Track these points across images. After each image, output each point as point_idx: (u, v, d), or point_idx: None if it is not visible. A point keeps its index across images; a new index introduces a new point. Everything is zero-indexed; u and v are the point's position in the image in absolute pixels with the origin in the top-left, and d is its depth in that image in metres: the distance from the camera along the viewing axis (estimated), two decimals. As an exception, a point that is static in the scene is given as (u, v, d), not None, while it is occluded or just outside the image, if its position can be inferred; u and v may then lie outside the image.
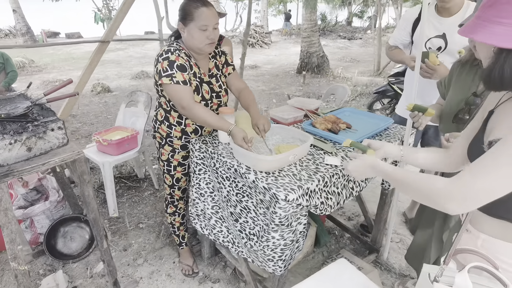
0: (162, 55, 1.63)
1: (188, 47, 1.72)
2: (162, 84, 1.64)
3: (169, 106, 1.80)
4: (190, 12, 1.60)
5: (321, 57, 8.94)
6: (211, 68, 1.84)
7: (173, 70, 1.60)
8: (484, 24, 0.81)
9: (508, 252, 0.95)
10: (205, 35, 1.63)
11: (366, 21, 21.12)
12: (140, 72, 8.31)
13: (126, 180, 3.26)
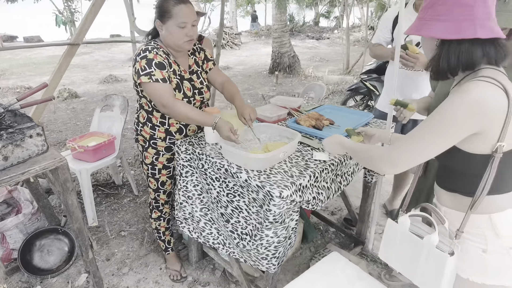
0: (140, 54, 1.59)
1: (166, 45, 1.70)
2: (141, 84, 1.60)
3: (150, 106, 1.75)
4: (168, 9, 1.57)
5: (292, 57, 9.06)
6: (191, 65, 1.82)
7: (151, 68, 1.56)
8: (427, 23, 0.98)
9: (460, 219, 1.08)
10: (184, 32, 1.60)
11: (333, 21, 21.65)
12: (109, 76, 8.04)
13: (103, 188, 3.14)
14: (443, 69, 1.00)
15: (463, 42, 0.94)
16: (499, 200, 1.04)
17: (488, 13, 0.93)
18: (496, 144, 0.95)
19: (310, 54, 12.30)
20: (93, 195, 2.61)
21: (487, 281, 1.08)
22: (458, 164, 1.05)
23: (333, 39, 16.57)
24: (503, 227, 1.03)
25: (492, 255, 1.05)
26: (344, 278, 1.44)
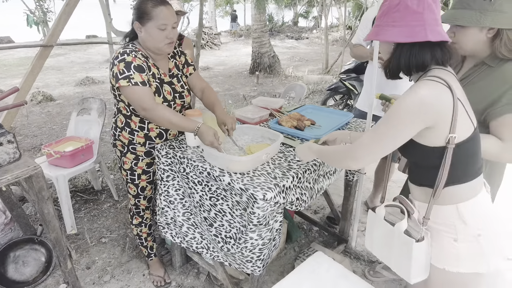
0: (118, 57, 1.54)
1: (146, 48, 1.65)
2: (120, 88, 1.55)
3: (129, 111, 1.71)
4: (148, 11, 1.53)
5: (272, 57, 9.10)
6: (171, 68, 1.79)
7: (130, 71, 1.52)
8: (383, 28, 1.07)
9: (423, 207, 1.16)
10: (164, 35, 1.57)
11: (311, 21, 21.89)
12: (85, 78, 7.81)
13: (82, 194, 3.04)
14: (395, 69, 1.11)
15: (414, 45, 1.04)
16: (462, 190, 1.11)
17: (436, 19, 1.03)
18: (448, 136, 1.03)
19: (290, 54, 12.39)
20: (71, 201, 2.52)
21: (461, 269, 1.13)
22: (419, 158, 1.14)
23: (312, 39, 16.75)
24: (469, 215, 1.10)
25: (463, 243, 1.11)
26: (329, 278, 1.45)
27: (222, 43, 15.04)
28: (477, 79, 1.32)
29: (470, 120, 1.06)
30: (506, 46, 1.24)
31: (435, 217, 1.15)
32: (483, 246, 1.10)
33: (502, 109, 1.21)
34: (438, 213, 1.14)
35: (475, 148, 1.10)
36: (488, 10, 1.22)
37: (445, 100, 1.00)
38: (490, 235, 1.11)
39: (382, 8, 1.10)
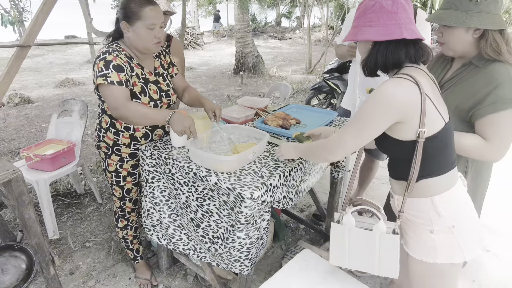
0: (100, 56, 1.54)
1: (132, 47, 1.64)
2: (98, 86, 1.54)
3: None
4: (136, 10, 1.52)
5: (256, 57, 9.11)
6: (156, 67, 1.77)
7: (108, 70, 1.50)
8: (361, 29, 1.11)
9: (407, 204, 1.19)
10: (152, 34, 1.57)
11: (294, 21, 22.04)
12: (65, 80, 7.60)
13: (64, 198, 2.97)
14: (372, 66, 1.15)
15: (390, 43, 1.09)
16: (436, 182, 1.15)
17: (409, 18, 1.09)
18: (418, 130, 1.07)
19: (273, 54, 12.44)
20: (53, 206, 2.46)
21: (438, 260, 1.18)
22: (393, 152, 1.20)
23: (295, 39, 16.87)
24: (443, 207, 1.14)
25: (438, 235, 1.15)
26: (317, 274, 1.47)
27: (205, 43, 14.96)
28: (464, 78, 1.34)
29: (440, 115, 1.10)
30: (491, 46, 1.25)
31: (412, 210, 1.19)
32: (457, 237, 1.14)
33: (486, 109, 1.23)
34: (414, 206, 1.18)
35: (447, 142, 1.14)
36: (474, 11, 1.23)
37: (412, 95, 1.05)
38: (464, 226, 1.16)
39: (359, 10, 1.14)
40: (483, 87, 1.25)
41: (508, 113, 1.21)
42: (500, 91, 1.20)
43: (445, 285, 1.24)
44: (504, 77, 1.22)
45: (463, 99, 1.29)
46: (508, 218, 2.91)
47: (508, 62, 1.24)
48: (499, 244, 2.54)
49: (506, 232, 2.70)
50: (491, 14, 1.23)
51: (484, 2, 1.22)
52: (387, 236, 1.19)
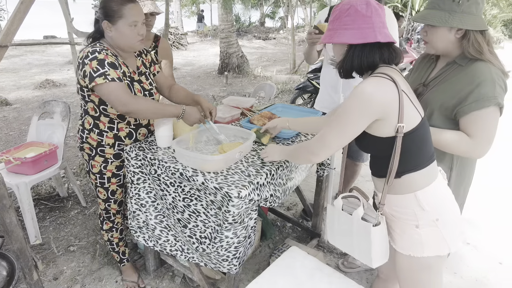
0: (88, 56, 1.50)
1: (116, 46, 1.62)
2: (95, 86, 1.50)
3: (98, 111, 1.66)
4: (117, 9, 1.51)
5: (241, 57, 9.10)
6: (139, 66, 1.76)
7: (105, 68, 1.49)
8: (336, 32, 1.15)
9: (388, 199, 1.23)
10: (135, 32, 1.57)
11: (278, 22, 22.13)
12: (45, 81, 7.40)
13: (46, 201, 2.89)
14: (348, 68, 1.18)
15: (365, 46, 1.12)
16: (418, 177, 1.18)
17: (382, 22, 1.12)
18: (397, 126, 1.11)
19: (258, 54, 12.46)
20: (34, 210, 2.40)
21: (424, 254, 1.21)
22: (373, 149, 1.24)
23: (279, 39, 16.94)
24: (427, 202, 1.17)
25: (424, 228, 1.19)
26: (304, 271, 1.49)
27: (189, 43, 14.84)
28: (448, 77, 1.37)
29: (416, 110, 1.15)
30: (473, 46, 1.28)
31: (397, 207, 1.22)
32: (442, 230, 1.18)
33: (470, 107, 1.26)
34: (399, 202, 1.21)
35: (425, 136, 1.18)
36: (456, 11, 1.27)
37: (390, 92, 1.09)
38: (447, 219, 1.20)
39: (334, 13, 1.17)
40: (466, 86, 1.28)
41: (491, 110, 1.25)
42: (482, 89, 1.24)
43: (432, 277, 1.28)
44: (486, 75, 1.25)
45: (447, 97, 1.33)
46: (487, 212, 3.01)
47: (489, 61, 1.28)
48: (479, 237, 2.63)
49: (485, 225, 2.80)
50: (473, 15, 1.27)
51: (466, 3, 1.26)
52: (361, 222, 1.24)
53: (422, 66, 1.56)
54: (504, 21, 20.34)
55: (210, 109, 1.76)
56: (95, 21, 1.64)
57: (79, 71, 1.54)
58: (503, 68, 1.29)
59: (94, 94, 1.60)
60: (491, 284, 2.20)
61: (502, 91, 1.26)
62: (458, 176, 1.47)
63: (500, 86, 1.25)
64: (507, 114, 5.64)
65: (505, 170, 3.92)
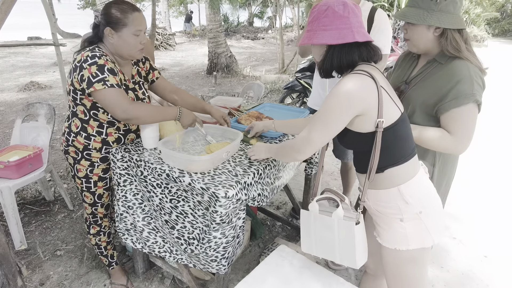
0: (87, 61, 1.47)
1: (115, 53, 1.60)
2: (94, 92, 1.47)
3: (88, 115, 1.63)
4: (122, 17, 1.51)
5: (229, 57, 9.09)
6: (134, 75, 1.75)
7: (104, 74, 1.47)
8: (315, 33, 1.16)
9: (373, 195, 1.26)
10: (138, 41, 1.56)
11: (266, 21, 22.17)
12: (30, 83, 7.25)
13: (31, 206, 2.84)
14: (328, 68, 1.21)
15: (344, 46, 1.15)
16: (400, 171, 1.20)
17: (359, 22, 1.15)
18: (376, 121, 1.13)
19: (247, 54, 12.46)
20: (19, 215, 2.35)
21: (410, 247, 1.24)
22: (355, 145, 1.26)
23: (267, 39, 16.96)
24: (410, 195, 1.20)
25: (408, 222, 1.21)
26: (293, 269, 1.49)
27: (177, 43, 14.75)
28: (429, 75, 1.39)
29: (395, 106, 1.17)
30: (451, 44, 1.31)
31: (381, 202, 1.24)
32: (425, 222, 1.21)
33: (449, 104, 1.29)
34: (383, 197, 1.23)
35: (405, 130, 1.20)
36: (434, 10, 1.29)
37: (369, 88, 1.11)
38: (430, 211, 1.22)
39: (312, 15, 1.18)
40: (446, 83, 1.31)
41: (470, 107, 1.27)
42: (461, 87, 1.27)
43: (417, 269, 1.30)
44: (464, 73, 1.28)
45: (428, 94, 1.35)
46: (470, 206, 3.08)
47: (467, 59, 1.31)
48: (463, 231, 2.69)
49: (469, 220, 2.86)
50: (450, 14, 1.30)
51: (444, 2, 1.28)
52: (343, 223, 1.25)
53: (404, 64, 1.59)
54: (488, 20, 20.76)
55: (223, 117, 1.84)
56: (94, 26, 1.61)
57: (75, 73, 1.50)
58: (480, 66, 1.32)
59: (87, 98, 1.58)
60: (476, 276, 2.25)
61: (480, 88, 1.29)
62: (440, 172, 1.49)
63: (478, 84, 1.28)
64: (488, 111, 5.76)
65: (487, 166, 4.01)
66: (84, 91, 1.54)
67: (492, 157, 4.25)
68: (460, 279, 2.23)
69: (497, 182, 3.59)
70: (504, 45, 18.06)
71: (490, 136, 4.94)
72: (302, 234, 1.42)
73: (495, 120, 5.73)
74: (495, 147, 4.56)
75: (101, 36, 1.59)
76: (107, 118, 1.65)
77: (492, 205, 3.13)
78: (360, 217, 1.24)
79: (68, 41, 4.71)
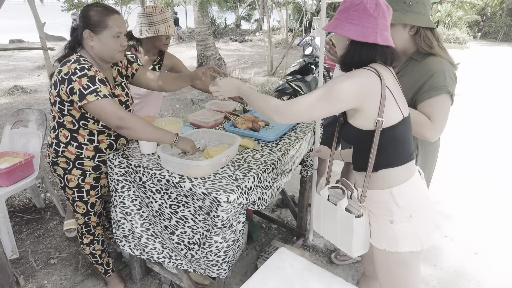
0: (76, 73, 1.43)
1: (96, 56, 1.58)
2: (86, 104, 1.44)
3: (76, 125, 1.60)
4: (102, 19, 1.49)
5: (218, 60, 9.08)
6: (115, 77, 1.74)
7: (96, 84, 1.44)
8: (342, 23, 1.17)
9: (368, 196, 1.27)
10: (119, 43, 1.55)
11: (254, 24, 22.23)
12: (14, 87, 7.08)
13: (22, 213, 2.78)
14: (349, 63, 1.22)
15: (365, 45, 1.16)
16: (394, 173, 1.23)
17: (386, 25, 1.16)
18: (376, 120, 1.15)
19: (235, 57, 12.46)
20: (10, 223, 2.30)
21: (399, 249, 1.26)
22: (355, 141, 1.28)
23: (255, 42, 17.01)
24: (402, 198, 1.22)
25: (398, 224, 1.23)
26: (294, 271, 1.51)
27: (165, 46, 14.62)
28: (407, 72, 1.52)
29: (399, 109, 1.19)
30: (425, 41, 1.46)
31: (373, 202, 1.27)
32: (415, 226, 1.23)
33: (424, 95, 1.41)
34: (375, 198, 1.26)
35: (405, 134, 1.22)
36: (408, 11, 1.45)
37: (373, 85, 1.13)
38: (420, 216, 1.24)
39: (344, 4, 1.18)
40: (421, 77, 1.44)
41: (442, 98, 1.39)
42: (434, 80, 1.39)
43: (408, 272, 1.32)
44: (437, 67, 1.41)
45: (407, 89, 1.44)
46: (460, 205, 3.16)
47: (439, 55, 1.45)
48: (455, 230, 2.76)
49: (460, 218, 2.94)
50: (422, 14, 1.46)
51: (415, 4, 1.44)
52: (344, 213, 1.28)
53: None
54: (469, 23, 21.34)
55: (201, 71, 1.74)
56: (72, 30, 1.58)
57: (62, 86, 1.46)
58: (452, 61, 1.46)
59: (76, 109, 1.55)
60: (468, 273, 2.31)
61: (452, 80, 1.41)
62: (423, 159, 1.61)
63: (450, 77, 1.40)
64: (480, 108, 5.86)
65: (477, 166, 4.12)
66: (72, 102, 1.51)
67: (481, 156, 4.37)
68: (453, 276, 2.29)
69: (486, 181, 3.69)
70: (485, 47, 18.60)
71: (481, 136, 5.09)
72: (314, 214, 1.50)
73: (486, 118, 5.90)
74: (484, 147, 4.70)
75: (80, 40, 1.56)
76: (97, 128, 1.63)
77: (481, 204, 3.22)
78: (363, 210, 1.26)
79: (54, 44, 4.63)
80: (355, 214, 1.25)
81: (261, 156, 1.72)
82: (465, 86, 8.17)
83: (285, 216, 2.88)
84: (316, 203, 1.46)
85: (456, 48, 16.51)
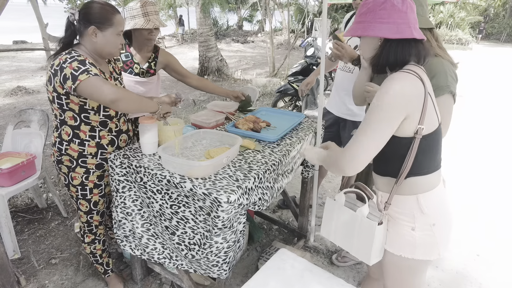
0: (67, 61, 1.45)
1: (94, 52, 1.61)
2: (80, 84, 1.42)
3: (78, 120, 1.62)
4: (109, 17, 1.55)
5: (220, 60, 9.09)
6: (111, 72, 1.77)
7: (86, 65, 1.46)
8: (370, 25, 1.13)
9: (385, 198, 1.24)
10: (119, 40, 1.63)
11: (256, 25, 22.27)
12: (17, 88, 7.12)
13: (23, 213, 2.79)
14: (383, 64, 1.17)
15: (400, 42, 1.12)
16: (423, 181, 1.19)
17: (415, 19, 1.13)
18: (417, 127, 1.10)
19: (237, 58, 12.48)
20: (12, 223, 2.30)
21: (415, 256, 1.23)
22: (387, 148, 1.16)
23: (257, 43, 17.03)
24: (427, 205, 1.19)
25: (419, 232, 1.20)
26: (295, 272, 1.51)
27: (167, 47, 14.69)
28: None
29: (436, 115, 1.15)
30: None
31: (396, 207, 1.23)
32: (436, 235, 1.20)
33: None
34: (399, 202, 1.22)
35: (437, 142, 1.19)
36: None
37: (418, 91, 1.09)
38: (443, 225, 1.22)
39: (366, 6, 1.15)
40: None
41: (446, 98, 1.40)
42: (437, 80, 1.39)
43: (416, 277, 1.31)
44: (439, 68, 1.41)
45: None
46: (463, 206, 3.14)
47: (439, 55, 1.45)
48: (457, 232, 2.74)
49: (461, 220, 2.92)
50: (420, 16, 1.45)
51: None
52: (366, 221, 1.24)
53: None
54: (471, 24, 21.26)
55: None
56: (68, 25, 1.59)
57: (56, 78, 1.48)
58: (452, 60, 1.46)
59: (74, 102, 1.57)
60: (470, 275, 2.30)
61: (453, 80, 1.42)
62: None
63: (451, 76, 1.41)
64: (484, 110, 5.82)
65: (478, 167, 4.10)
66: (68, 94, 1.53)
67: (482, 158, 4.35)
68: (455, 278, 2.27)
69: (488, 182, 3.68)
70: (488, 48, 18.53)
71: (483, 137, 5.07)
72: (324, 219, 1.45)
73: (488, 119, 5.88)
74: (487, 148, 4.68)
75: (78, 35, 1.59)
76: (99, 119, 1.65)
77: (483, 205, 3.21)
78: (383, 217, 1.23)
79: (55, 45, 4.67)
80: (377, 222, 1.21)
81: (262, 156, 1.72)
82: (468, 87, 8.15)
83: (286, 217, 2.88)
84: (329, 209, 1.42)
85: (458, 49, 16.48)
